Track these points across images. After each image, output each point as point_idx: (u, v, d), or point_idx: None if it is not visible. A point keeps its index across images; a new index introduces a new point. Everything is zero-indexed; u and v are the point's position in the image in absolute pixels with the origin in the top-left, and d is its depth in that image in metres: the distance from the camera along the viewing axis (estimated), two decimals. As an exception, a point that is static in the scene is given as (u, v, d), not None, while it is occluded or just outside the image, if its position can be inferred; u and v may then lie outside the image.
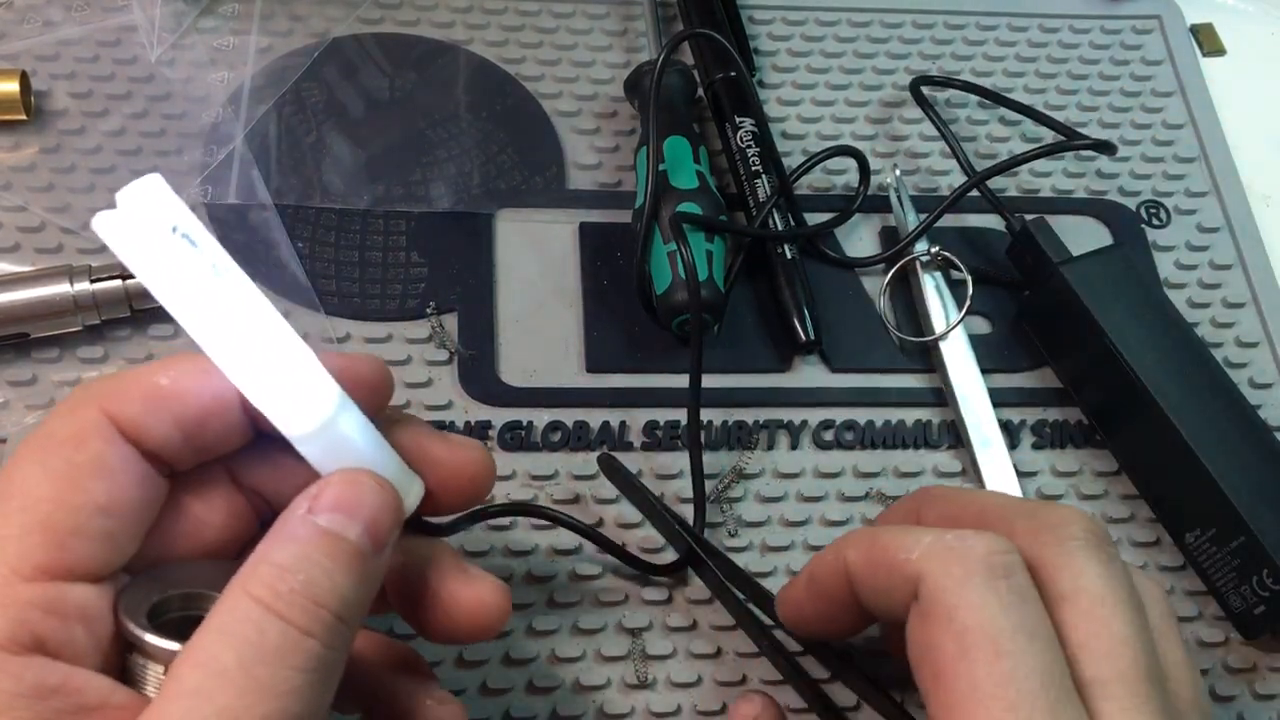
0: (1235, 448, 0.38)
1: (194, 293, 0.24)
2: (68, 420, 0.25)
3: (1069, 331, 0.42)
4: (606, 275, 0.44)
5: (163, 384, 0.25)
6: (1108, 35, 0.53)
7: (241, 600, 0.23)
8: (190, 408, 0.25)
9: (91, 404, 0.25)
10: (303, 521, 0.24)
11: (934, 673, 0.26)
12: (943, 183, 0.48)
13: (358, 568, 0.24)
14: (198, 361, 0.25)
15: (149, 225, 0.24)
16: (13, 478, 0.24)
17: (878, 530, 0.29)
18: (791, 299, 0.43)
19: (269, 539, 0.24)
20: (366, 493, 0.25)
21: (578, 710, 0.36)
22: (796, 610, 0.33)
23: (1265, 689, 0.38)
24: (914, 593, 0.27)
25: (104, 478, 0.24)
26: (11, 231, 0.42)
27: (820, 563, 0.31)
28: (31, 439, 0.25)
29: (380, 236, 0.44)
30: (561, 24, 0.50)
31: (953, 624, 0.26)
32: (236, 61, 0.47)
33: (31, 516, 0.23)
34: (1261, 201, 0.49)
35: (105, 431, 0.24)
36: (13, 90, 0.43)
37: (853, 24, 0.52)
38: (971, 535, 0.27)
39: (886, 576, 0.28)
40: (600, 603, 0.37)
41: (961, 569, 0.26)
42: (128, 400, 0.25)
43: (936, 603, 0.26)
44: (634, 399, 0.41)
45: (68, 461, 0.24)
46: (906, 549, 0.27)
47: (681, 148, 0.43)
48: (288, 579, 0.23)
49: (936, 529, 0.28)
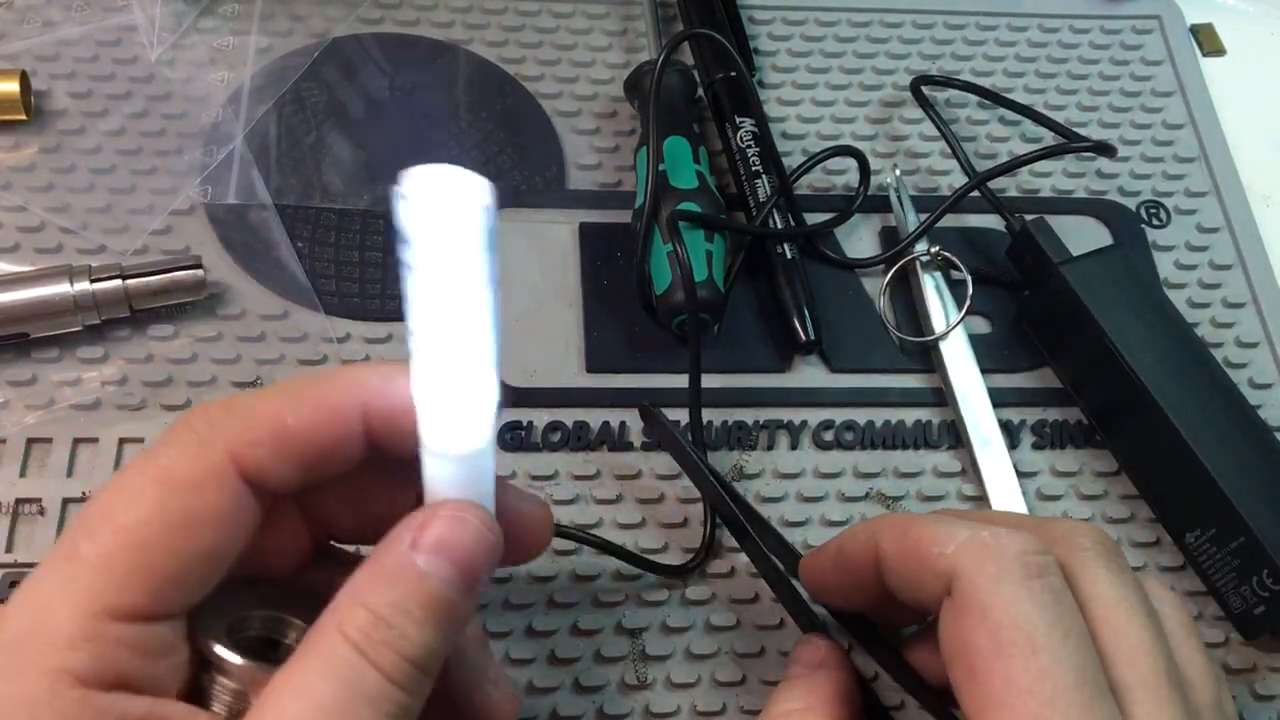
0: (1235, 448, 0.38)
1: (456, 290, 0.23)
2: (192, 460, 0.24)
3: (1069, 331, 0.42)
4: (606, 275, 0.44)
5: (290, 424, 0.25)
6: (1108, 35, 0.53)
7: (339, 641, 0.23)
8: (313, 448, 0.25)
9: (218, 444, 0.24)
10: (404, 562, 0.24)
11: (968, 668, 0.26)
12: (943, 183, 0.48)
13: (447, 621, 0.24)
14: (317, 394, 0.25)
15: (466, 212, 0.23)
16: (124, 508, 0.23)
17: (912, 520, 0.29)
18: (791, 299, 0.43)
19: (370, 571, 0.24)
20: (470, 533, 0.25)
21: (578, 710, 0.36)
22: (819, 578, 0.33)
23: (1265, 689, 0.38)
24: (947, 587, 0.27)
25: (217, 527, 0.24)
26: (11, 231, 0.42)
27: (852, 540, 0.30)
28: (150, 468, 0.24)
29: (380, 236, 0.44)
30: (561, 24, 0.50)
31: (987, 620, 0.26)
32: (236, 61, 0.47)
33: (138, 558, 0.23)
34: (1261, 201, 0.49)
35: (229, 480, 0.24)
36: (13, 90, 0.43)
37: (853, 24, 0.52)
38: (1005, 532, 0.27)
39: (919, 569, 0.28)
40: (600, 603, 0.37)
41: (996, 566, 0.26)
42: (255, 444, 0.24)
43: (971, 599, 0.26)
44: (634, 398, 0.41)
45: (186, 509, 0.24)
46: (941, 543, 0.27)
47: (681, 148, 0.43)
48: (383, 630, 0.23)
49: (971, 522, 0.28)
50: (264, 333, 0.41)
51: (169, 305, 0.40)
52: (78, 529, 0.23)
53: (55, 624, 0.22)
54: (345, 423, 0.25)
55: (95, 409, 0.39)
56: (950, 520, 0.28)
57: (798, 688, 0.32)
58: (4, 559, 0.36)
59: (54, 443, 0.38)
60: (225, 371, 0.40)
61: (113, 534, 0.23)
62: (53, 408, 0.39)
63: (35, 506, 0.37)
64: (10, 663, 0.22)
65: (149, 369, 0.40)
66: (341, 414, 0.25)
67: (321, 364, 0.41)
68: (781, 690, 0.32)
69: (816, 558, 0.33)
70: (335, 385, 0.26)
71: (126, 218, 0.43)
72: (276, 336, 0.41)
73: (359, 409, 0.25)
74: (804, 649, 0.33)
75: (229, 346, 0.41)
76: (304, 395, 0.25)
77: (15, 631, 0.22)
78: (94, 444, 0.38)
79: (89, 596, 0.22)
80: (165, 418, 0.39)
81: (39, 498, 0.37)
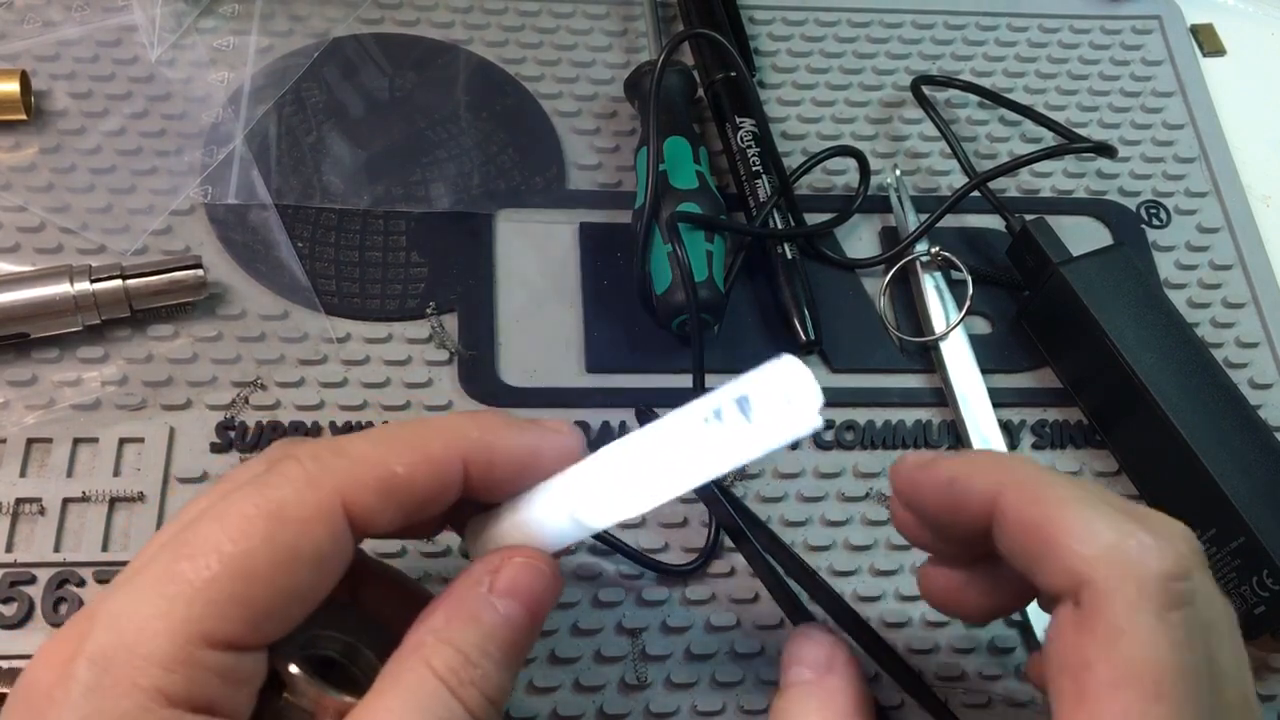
0: (1235, 448, 0.38)
1: (712, 458, 0.26)
2: (302, 498, 0.24)
3: (1069, 331, 0.42)
4: (606, 275, 0.44)
5: (399, 473, 0.26)
6: (1108, 35, 0.53)
7: (428, 675, 0.24)
8: (416, 496, 0.26)
9: (329, 487, 0.25)
10: (486, 604, 0.26)
11: (1079, 689, 0.24)
12: (943, 183, 0.48)
13: (518, 662, 0.26)
14: (423, 443, 0.26)
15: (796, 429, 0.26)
16: (233, 537, 0.24)
17: (1046, 486, 0.26)
18: (791, 299, 0.43)
19: (451, 609, 0.26)
20: (542, 581, 0.27)
21: (578, 710, 0.36)
22: (914, 491, 0.29)
23: (1265, 689, 0.38)
24: (1074, 590, 0.25)
25: (319, 566, 0.25)
26: (11, 231, 0.42)
27: (968, 477, 0.27)
28: (260, 501, 0.24)
29: (380, 236, 0.44)
30: (561, 24, 0.50)
31: (1116, 650, 0.24)
32: (236, 61, 0.47)
33: (241, 589, 0.23)
34: (1261, 201, 0.49)
35: (337, 523, 0.25)
36: (13, 90, 0.43)
37: (853, 24, 0.52)
38: (1153, 544, 0.24)
39: (1045, 554, 0.25)
40: (600, 603, 0.37)
41: (1137, 591, 0.24)
42: (365, 490, 0.25)
43: (1102, 620, 0.24)
44: (634, 399, 0.41)
45: (293, 546, 0.24)
46: (1081, 540, 0.25)
47: (681, 148, 0.43)
48: (470, 670, 0.25)
49: (1116, 516, 0.25)
50: (264, 333, 0.41)
51: (169, 305, 0.40)
52: (176, 549, 0.24)
53: (152, 643, 0.23)
54: (448, 473, 0.26)
55: (95, 409, 0.39)
56: (1092, 506, 0.25)
57: (809, 700, 0.29)
58: (4, 559, 0.36)
59: (54, 443, 0.38)
60: (225, 371, 0.40)
61: (220, 562, 0.23)
62: (53, 408, 0.39)
63: (35, 506, 0.37)
64: (103, 678, 0.22)
65: (149, 369, 0.40)
66: (445, 464, 0.26)
67: (322, 364, 0.41)
68: (792, 701, 0.29)
69: (922, 471, 0.29)
70: (439, 435, 0.27)
71: (126, 218, 0.43)
72: (276, 336, 0.41)
73: (460, 460, 0.27)
74: (806, 646, 0.30)
75: (229, 346, 0.41)
76: (410, 444, 0.26)
77: (107, 645, 0.23)
78: (94, 444, 0.38)
79: (188, 621, 0.23)
80: (165, 418, 0.39)
81: (39, 498, 0.37)
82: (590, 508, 0.27)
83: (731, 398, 0.26)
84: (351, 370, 0.41)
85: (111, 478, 0.38)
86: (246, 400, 0.40)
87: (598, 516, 0.27)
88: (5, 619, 0.35)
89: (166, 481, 0.38)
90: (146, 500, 0.37)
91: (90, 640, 0.23)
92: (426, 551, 0.38)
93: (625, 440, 0.27)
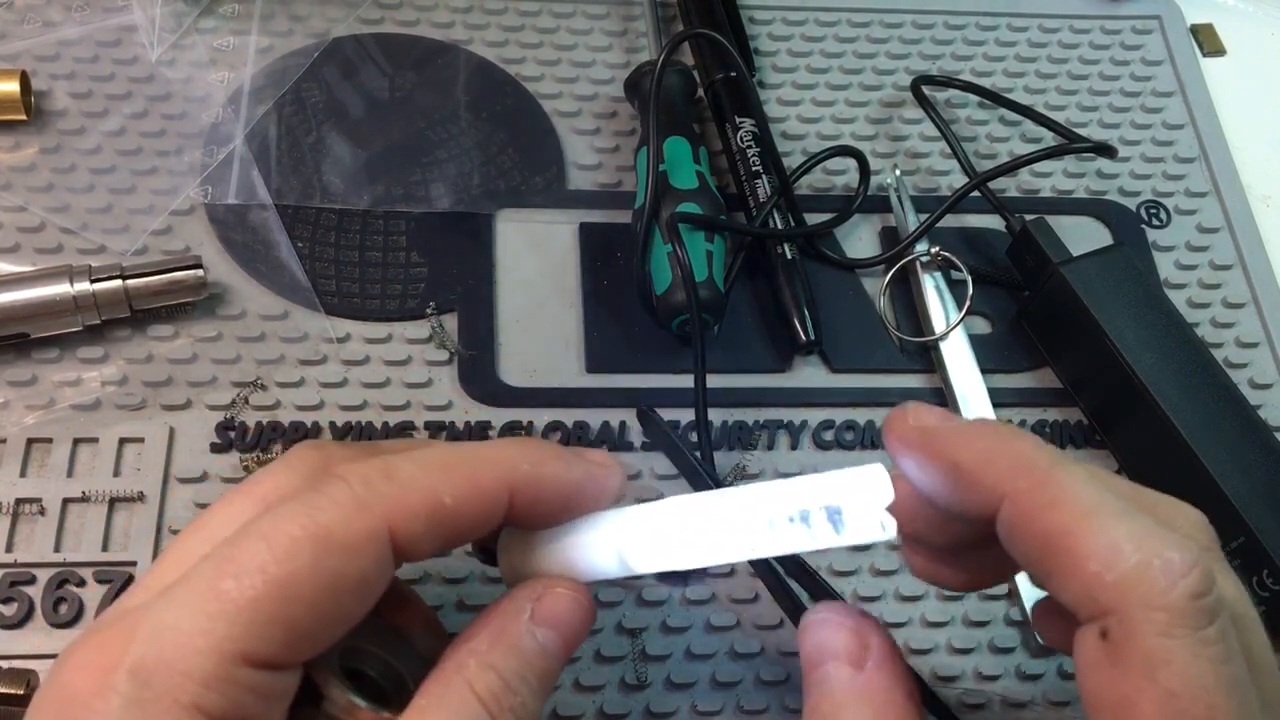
0: (1235, 448, 0.38)
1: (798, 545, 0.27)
2: (351, 520, 0.24)
3: (1069, 331, 0.42)
4: (606, 275, 0.44)
5: (447, 504, 0.25)
6: (1108, 35, 0.53)
7: (471, 699, 0.25)
8: (462, 524, 0.26)
9: (378, 514, 0.25)
10: (528, 632, 0.26)
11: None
12: (943, 183, 0.48)
13: (549, 689, 0.27)
14: (472, 472, 0.26)
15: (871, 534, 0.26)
16: (279, 558, 0.23)
17: (1056, 490, 0.24)
18: (791, 299, 0.43)
19: (493, 635, 0.26)
20: (580, 614, 0.27)
21: (578, 710, 0.36)
22: (911, 457, 0.27)
23: (1265, 689, 0.38)
24: (1097, 616, 0.24)
25: (361, 593, 0.25)
26: (11, 231, 0.42)
27: (972, 464, 0.26)
28: (307, 521, 0.24)
29: (380, 236, 0.44)
30: (561, 24, 0.50)
31: (1156, 683, 0.22)
32: (236, 61, 0.47)
33: (284, 610, 0.23)
34: (1261, 201, 0.49)
35: (382, 549, 0.25)
36: (13, 90, 0.43)
37: (853, 24, 0.52)
38: (1178, 562, 0.23)
39: (1063, 571, 0.24)
40: (600, 602, 0.37)
41: (1166, 615, 0.23)
42: (413, 519, 0.25)
43: (1137, 653, 0.23)
44: (634, 399, 0.41)
45: (339, 571, 0.24)
46: (1103, 561, 0.23)
47: (681, 148, 0.43)
48: (509, 697, 0.25)
49: (1134, 524, 0.24)
50: (264, 333, 0.41)
51: (169, 305, 0.40)
52: (221, 565, 0.23)
53: (193, 660, 0.22)
54: (495, 503, 0.26)
55: (95, 409, 0.39)
56: (1110, 515, 0.24)
57: (860, 706, 0.26)
58: (4, 559, 0.36)
59: (54, 443, 0.38)
60: (225, 371, 0.40)
61: (265, 583, 0.23)
62: (53, 408, 0.39)
63: (35, 506, 0.37)
64: (143, 691, 0.22)
65: (149, 369, 0.40)
66: (492, 495, 0.26)
67: (322, 364, 0.41)
68: (838, 707, 0.27)
69: (924, 445, 0.27)
70: (490, 467, 0.27)
71: (126, 218, 0.43)
72: (276, 336, 0.41)
73: (507, 490, 0.27)
74: (834, 634, 0.27)
75: (229, 346, 0.41)
76: (461, 474, 0.26)
77: (149, 658, 0.23)
78: (94, 444, 0.38)
79: (229, 639, 0.23)
80: (165, 418, 0.39)
81: (39, 498, 0.37)
82: (641, 552, 0.28)
83: (821, 504, 0.26)
84: (351, 370, 0.41)
85: (111, 478, 0.38)
86: (246, 400, 0.40)
87: (645, 562, 0.28)
88: (5, 619, 0.35)
89: (166, 482, 0.38)
90: (146, 500, 0.37)
91: (131, 652, 0.23)
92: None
93: (695, 497, 0.28)
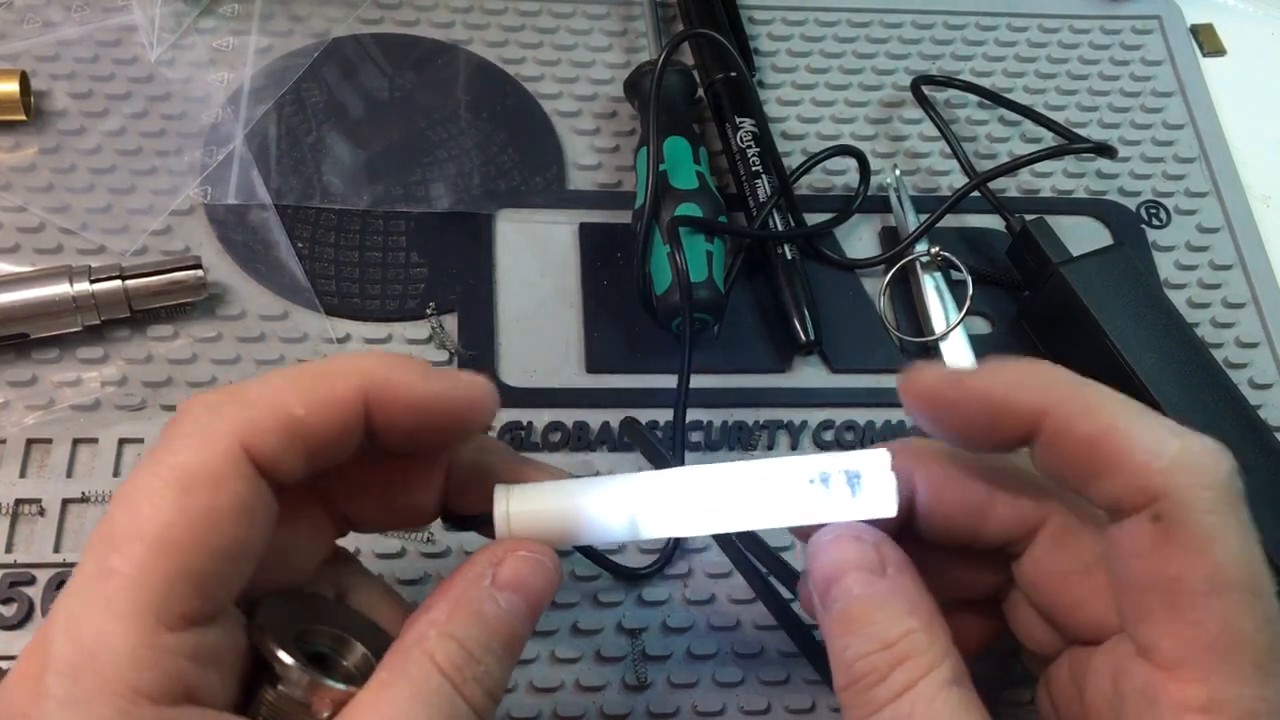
0: (1235, 447, 0.38)
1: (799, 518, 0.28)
2: (202, 452, 0.23)
3: (1069, 331, 0.42)
4: (606, 275, 0.44)
5: (299, 415, 0.24)
6: (1108, 35, 0.53)
7: (432, 670, 0.24)
8: (319, 437, 0.25)
9: (227, 435, 0.24)
10: (489, 598, 0.26)
11: (1171, 602, 0.24)
12: (943, 183, 0.48)
13: (516, 655, 0.26)
14: (322, 382, 0.25)
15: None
16: (147, 514, 0.23)
17: (1097, 398, 0.26)
18: (791, 299, 0.43)
19: (453, 603, 0.25)
20: (544, 577, 0.27)
21: (578, 710, 0.36)
22: (927, 399, 0.27)
23: (1265, 689, 0.38)
24: (1146, 504, 0.24)
25: (243, 521, 0.24)
26: (11, 231, 0.42)
27: (1004, 385, 0.26)
28: (161, 467, 0.23)
29: (380, 236, 0.44)
30: (561, 24, 0.50)
31: (1207, 557, 0.24)
32: (236, 61, 0.47)
33: (174, 562, 0.23)
34: (1261, 201, 0.49)
35: (244, 469, 0.24)
36: (13, 90, 0.43)
37: (853, 24, 0.52)
38: (1214, 447, 0.25)
39: (1110, 470, 0.25)
40: (600, 603, 0.37)
41: (1213, 493, 0.24)
42: (265, 433, 0.24)
43: (1188, 531, 0.24)
44: (634, 399, 0.41)
45: (208, 506, 0.23)
46: (1153, 453, 0.24)
47: (681, 148, 0.43)
48: (473, 666, 0.25)
49: (1168, 424, 0.25)
50: (264, 333, 0.41)
51: (169, 305, 0.40)
52: (103, 545, 0.23)
53: (112, 645, 0.22)
54: (350, 412, 0.25)
55: (95, 409, 0.39)
56: (1147, 417, 0.25)
57: (893, 604, 0.26)
58: (4, 559, 0.36)
59: (54, 443, 0.38)
60: (225, 372, 0.40)
61: (143, 544, 0.23)
62: (53, 408, 0.39)
63: (35, 507, 0.37)
64: (75, 691, 0.22)
65: (149, 369, 0.40)
66: (346, 403, 0.25)
67: (321, 364, 0.41)
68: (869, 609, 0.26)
69: (954, 389, 0.27)
70: (341, 375, 0.25)
71: (126, 218, 0.43)
72: (276, 337, 0.41)
73: (362, 399, 0.25)
74: (852, 548, 0.27)
75: (229, 347, 0.41)
76: (310, 384, 0.25)
77: (70, 658, 0.22)
78: (94, 444, 0.38)
79: (136, 611, 0.22)
80: (165, 418, 0.39)
81: (39, 498, 0.37)
82: (655, 515, 0.27)
83: (841, 468, 0.27)
84: (351, 370, 0.41)
85: (111, 478, 0.38)
86: (246, 400, 0.40)
87: (658, 526, 0.27)
88: (5, 619, 0.35)
89: (166, 482, 0.38)
90: (146, 500, 0.37)
91: (52, 653, 0.22)
92: (427, 552, 0.38)
93: (716, 466, 0.28)
